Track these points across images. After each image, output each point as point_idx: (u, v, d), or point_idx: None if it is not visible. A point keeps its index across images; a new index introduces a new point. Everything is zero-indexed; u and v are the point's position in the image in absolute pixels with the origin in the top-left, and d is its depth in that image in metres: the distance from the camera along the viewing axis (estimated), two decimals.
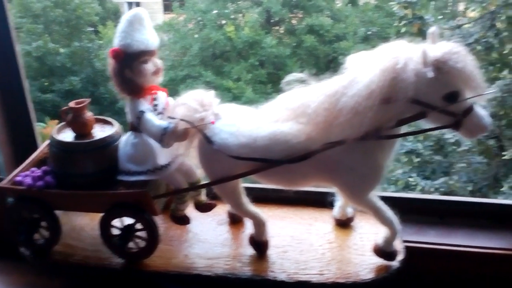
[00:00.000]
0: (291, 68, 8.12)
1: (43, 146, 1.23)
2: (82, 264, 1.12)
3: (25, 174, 1.12)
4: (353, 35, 8.17)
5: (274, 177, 1.04)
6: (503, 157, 3.86)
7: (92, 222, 1.24)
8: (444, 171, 4.20)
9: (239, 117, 1.03)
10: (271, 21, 8.69)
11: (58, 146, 1.08)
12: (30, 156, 1.19)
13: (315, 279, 1.04)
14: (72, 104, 1.10)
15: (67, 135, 1.12)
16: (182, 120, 1.00)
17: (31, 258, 1.14)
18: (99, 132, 1.13)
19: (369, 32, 8.09)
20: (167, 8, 9.63)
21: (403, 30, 4.36)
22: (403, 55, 0.88)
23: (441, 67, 0.86)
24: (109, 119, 1.17)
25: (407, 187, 3.89)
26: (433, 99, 0.89)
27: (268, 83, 7.95)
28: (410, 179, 3.93)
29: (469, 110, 0.89)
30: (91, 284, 1.24)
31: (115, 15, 9.29)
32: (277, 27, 8.76)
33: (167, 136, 1.00)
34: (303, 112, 0.96)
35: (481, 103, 0.90)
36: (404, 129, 0.97)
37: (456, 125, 0.90)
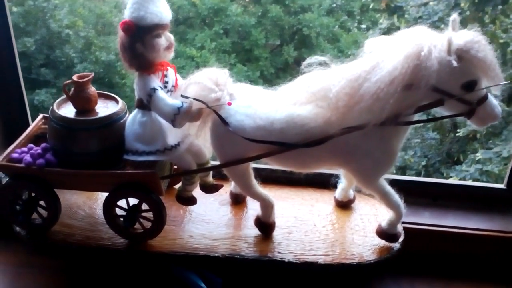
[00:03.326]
0: (255, 38, 8.00)
1: (37, 120, 1.16)
2: (83, 244, 1.08)
3: (21, 150, 1.06)
4: (318, 7, 8.15)
5: (287, 160, 1.03)
6: (457, 134, 4.03)
7: (90, 201, 1.20)
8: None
9: (255, 98, 1.01)
10: None
11: (60, 123, 1.02)
12: (25, 132, 1.12)
13: (321, 260, 1.06)
14: (75, 77, 1.03)
15: (68, 110, 1.05)
16: (196, 99, 0.97)
17: (27, 238, 1.09)
18: (102, 108, 1.07)
19: (333, 5, 8.09)
20: None
21: (371, 5, 4.41)
22: (426, 42, 0.88)
23: (463, 55, 0.87)
24: (112, 94, 1.11)
25: None
26: (452, 87, 0.90)
27: (232, 52, 7.83)
28: None
29: (484, 99, 0.91)
30: (89, 264, 1.21)
31: None
32: None
33: (180, 116, 0.96)
34: (324, 96, 0.95)
35: (495, 93, 0.93)
36: (417, 116, 0.99)
37: (469, 114, 0.92)
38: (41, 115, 1.17)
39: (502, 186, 1.30)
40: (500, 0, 3.29)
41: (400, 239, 1.10)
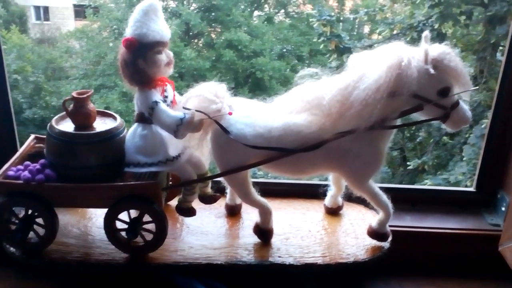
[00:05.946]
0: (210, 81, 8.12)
1: (29, 141, 1.16)
2: (82, 261, 1.06)
3: (16, 168, 1.05)
4: (269, 51, 8.50)
5: (285, 166, 1.09)
6: (408, 167, 4.27)
7: (84, 220, 1.20)
8: None
9: (252, 109, 1.08)
10: (190, 33, 8.71)
11: (59, 137, 1.03)
12: (19, 150, 1.11)
13: (320, 261, 1.11)
14: (74, 94, 1.06)
15: (67, 126, 1.07)
16: (197, 111, 1.02)
17: (23, 259, 1.06)
18: (101, 124, 1.10)
19: (284, 50, 8.46)
20: (78, 14, 9.17)
21: (321, 46, 4.70)
22: (406, 54, 0.99)
23: (438, 65, 0.99)
24: (110, 112, 1.14)
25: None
26: (429, 93, 1.01)
27: None
28: None
29: (456, 104, 1.03)
30: (81, 285, 1.18)
31: (20, 19, 8.62)
32: (196, 40, 8.79)
33: (183, 127, 1.01)
34: (318, 104, 1.03)
35: (466, 99, 1.05)
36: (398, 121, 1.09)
37: (444, 117, 1.03)
38: (32, 136, 1.17)
39: (471, 189, 1.42)
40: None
41: (389, 238, 1.18)
